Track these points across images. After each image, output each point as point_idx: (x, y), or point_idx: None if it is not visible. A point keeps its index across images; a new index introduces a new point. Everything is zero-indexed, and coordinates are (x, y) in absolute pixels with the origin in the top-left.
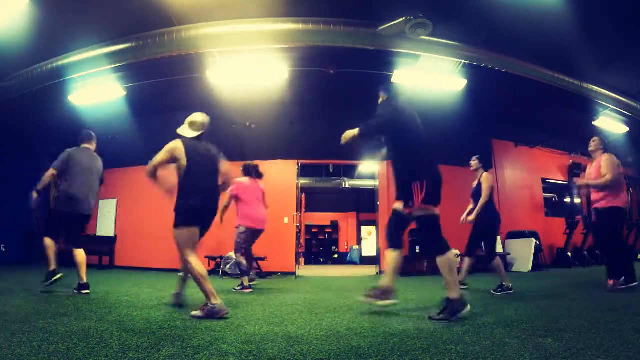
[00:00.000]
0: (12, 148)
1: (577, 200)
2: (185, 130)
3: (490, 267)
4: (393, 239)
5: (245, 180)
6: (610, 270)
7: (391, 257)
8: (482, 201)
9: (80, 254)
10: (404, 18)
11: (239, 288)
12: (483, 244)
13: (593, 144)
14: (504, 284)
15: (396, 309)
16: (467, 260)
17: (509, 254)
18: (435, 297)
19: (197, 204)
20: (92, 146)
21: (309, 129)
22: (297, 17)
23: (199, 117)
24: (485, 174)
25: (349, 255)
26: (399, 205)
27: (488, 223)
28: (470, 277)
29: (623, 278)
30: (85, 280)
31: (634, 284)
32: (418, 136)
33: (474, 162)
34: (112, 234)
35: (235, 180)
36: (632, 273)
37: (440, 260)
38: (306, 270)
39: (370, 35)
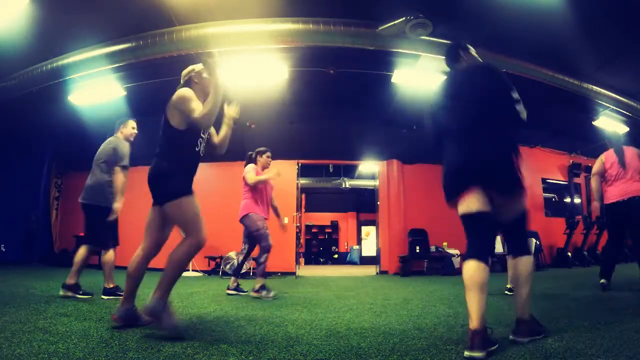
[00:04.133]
0: (12, 148)
1: (577, 200)
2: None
3: None
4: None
5: None
6: None
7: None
8: None
9: (107, 257)
10: (404, 18)
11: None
12: None
13: None
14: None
15: (396, 308)
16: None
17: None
18: (435, 297)
19: None
20: (120, 134)
21: (309, 129)
22: (297, 17)
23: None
24: None
25: (349, 255)
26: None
27: None
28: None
29: None
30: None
31: None
32: (456, 116)
33: None
34: None
35: None
36: None
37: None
38: (306, 270)
39: (370, 35)
